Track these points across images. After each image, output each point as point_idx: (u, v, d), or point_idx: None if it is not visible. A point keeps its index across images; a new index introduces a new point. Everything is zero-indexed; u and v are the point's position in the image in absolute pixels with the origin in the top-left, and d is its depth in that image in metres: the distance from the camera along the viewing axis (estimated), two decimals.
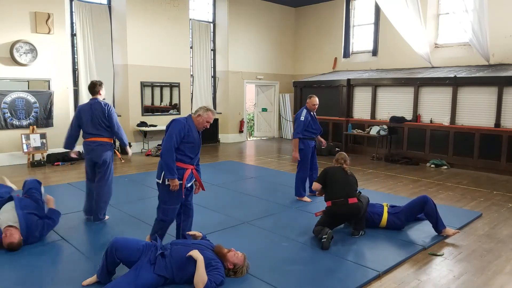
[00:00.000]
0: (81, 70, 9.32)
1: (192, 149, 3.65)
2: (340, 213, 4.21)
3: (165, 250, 3.12)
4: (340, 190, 4.23)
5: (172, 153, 3.52)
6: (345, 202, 4.16)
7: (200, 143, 3.75)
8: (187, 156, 3.63)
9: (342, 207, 4.17)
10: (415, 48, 9.49)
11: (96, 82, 4.65)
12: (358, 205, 4.19)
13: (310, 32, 13.16)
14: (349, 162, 4.54)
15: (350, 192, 4.23)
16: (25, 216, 3.86)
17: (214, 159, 9.42)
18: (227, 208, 5.24)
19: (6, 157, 8.10)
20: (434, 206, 4.38)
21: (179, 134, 3.53)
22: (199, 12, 11.73)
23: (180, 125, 3.57)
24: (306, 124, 5.64)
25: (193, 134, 3.62)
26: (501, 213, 5.28)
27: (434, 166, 8.59)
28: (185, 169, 3.63)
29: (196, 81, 11.60)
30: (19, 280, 3.23)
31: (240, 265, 3.25)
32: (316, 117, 5.87)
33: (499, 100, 7.94)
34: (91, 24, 9.35)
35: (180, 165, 3.60)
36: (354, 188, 4.32)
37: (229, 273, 3.22)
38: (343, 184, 4.28)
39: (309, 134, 5.72)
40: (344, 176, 4.36)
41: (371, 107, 10.14)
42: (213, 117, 3.70)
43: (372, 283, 3.31)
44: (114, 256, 3.01)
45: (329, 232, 3.95)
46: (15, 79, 8.13)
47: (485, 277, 3.43)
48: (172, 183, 3.55)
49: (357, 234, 4.30)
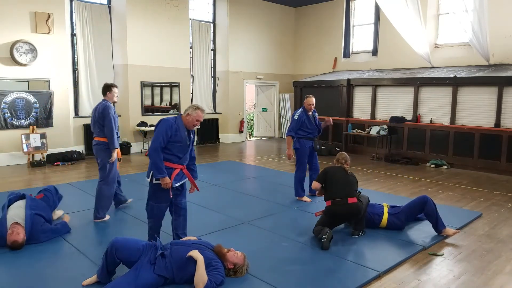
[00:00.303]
0: (81, 70, 9.32)
1: (180, 148, 3.65)
2: (340, 213, 4.21)
3: (165, 250, 3.12)
4: (339, 190, 4.23)
5: (158, 153, 3.56)
6: (344, 202, 4.15)
7: (189, 142, 3.72)
8: (175, 155, 3.65)
9: (342, 206, 4.17)
10: (415, 48, 9.49)
11: (106, 84, 4.77)
12: (358, 205, 4.19)
13: (310, 32, 13.17)
14: (349, 162, 4.54)
15: (350, 192, 4.23)
16: (32, 217, 3.90)
17: (214, 159, 9.42)
18: (227, 208, 5.24)
19: (6, 157, 8.10)
20: (434, 206, 4.38)
21: (166, 134, 3.56)
22: (199, 12, 11.73)
23: (167, 124, 3.59)
24: (300, 123, 5.68)
25: (181, 133, 3.62)
26: (501, 213, 5.28)
27: (434, 166, 8.59)
28: (173, 169, 3.65)
29: (196, 81, 11.61)
30: (19, 280, 3.23)
31: (240, 265, 3.25)
32: (316, 118, 5.87)
33: (499, 100, 7.94)
34: (91, 24, 9.35)
35: (167, 164, 3.62)
36: (354, 188, 4.31)
37: (229, 273, 3.22)
38: (343, 184, 4.27)
39: (304, 134, 5.74)
40: (344, 176, 4.36)
41: (371, 107, 10.14)
42: (203, 115, 3.67)
43: (372, 283, 3.31)
44: (114, 256, 3.01)
45: (328, 232, 3.95)
46: (15, 79, 8.13)
47: (485, 277, 3.43)
48: (163, 181, 3.58)
49: (357, 234, 4.29)
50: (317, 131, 5.85)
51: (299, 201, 5.65)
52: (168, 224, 3.97)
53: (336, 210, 4.20)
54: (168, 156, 3.63)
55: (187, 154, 3.77)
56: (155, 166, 3.56)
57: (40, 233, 3.90)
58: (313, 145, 5.84)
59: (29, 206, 4.01)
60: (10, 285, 3.15)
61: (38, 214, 4.01)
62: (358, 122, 10.35)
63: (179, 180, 3.75)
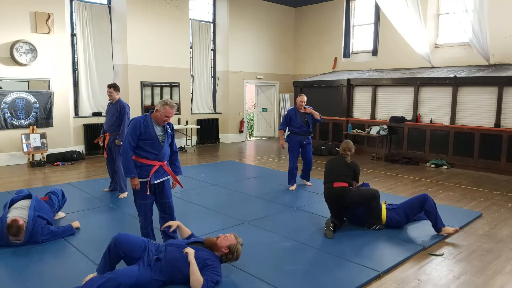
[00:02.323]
0: (81, 70, 9.32)
1: (153, 145, 3.65)
2: (328, 196, 4.49)
3: (160, 253, 3.12)
4: (329, 176, 4.52)
5: (127, 152, 3.59)
6: (330, 186, 4.42)
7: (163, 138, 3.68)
8: (150, 152, 3.65)
9: (328, 190, 4.45)
10: (415, 48, 9.49)
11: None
12: (344, 189, 4.35)
13: (310, 32, 13.16)
14: (352, 150, 4.67)
15: (337, 177, 4.44)
16: (34, 219, 3.92)
17: (214, 159, 9.42)
18: (227, 208, 5.24)
19: (6, 157, 8.10)
20: (434, 204, 4.39)
21: (134, 133, 3.60)
22: (199, 12, 11.73)
23: (135, 124, 3.63)
24: (287, 119, 6.33)
25: (151, 131, 3.62)
26: (501, 213, 5.28)
27: (434, 166, 8.58)
28: (151, 166, 3.65)
29: (196, 81, 11.60)
30: (19, 280, 3.23)
31: (234, 244, 3.24)
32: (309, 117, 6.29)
33: (499, 100, 7.94)
34: (91, 24, 9.35)
35: (145, 161, 3.65)
36: (344, 173, 4.46)
37: (227, 257, 3.22)
38: (334, 170, 4.52)
39: (293, 129, 6.32)
40: (339, 163, 4.55)
41: (371, 107, 10.14)
42: (172, 110, 3.62)
43: (372, 283, 3.31)
44: (118, 250, 3.02)
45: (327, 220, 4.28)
46: (15, 79, 8.13)
47: (485, 277, 3.43)
48: (131, 182, 3.63)
49: (369, 227, 4.37)
50: (305, 128, 6.30)
51: (299, 201, 5.66)
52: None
53: (325, 194, 4.53)
54: (143, 154, 3.65)
55: (164, 150, 3.72)
56: (124, 166, 3.64)
57: (40, 235, 3.91)
58: (301, 140, 6.30)
59: (34, 207, 4.02)
60: (11, 285, 3.15)
61: (41, 216, 4.01)
62: (358, 122, 10.35)
63: (159, 177, 3.73)
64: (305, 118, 6.30)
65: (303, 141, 6.31)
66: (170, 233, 3.77)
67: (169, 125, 3.80)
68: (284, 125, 6.40)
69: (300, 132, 6.29)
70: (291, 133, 6.36)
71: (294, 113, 6.29)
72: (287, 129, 6.44)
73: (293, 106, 6.40)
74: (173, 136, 3.87)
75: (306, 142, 6.35)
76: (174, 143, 3.90)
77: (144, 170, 3.64)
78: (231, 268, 3.44)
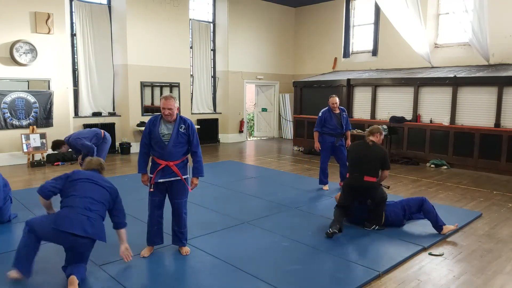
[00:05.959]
0: (81, 70, 9.33)
1: (157, 144, 3.66)
2: (353, 186, 4.38)
3: None
4: (356, 165, 4.42)
5: (140, 149, 3.75)
6: (360, 179, 4.33)
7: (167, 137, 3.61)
8: (156, 151, 3.69)
9: (357, 181, 4.35)
10: (415, 48, 9.49)
11: None
12: (374, 184, 4.31)
13: (310, 32, 13.16)
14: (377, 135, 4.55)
15: (368, 170, 4.34)
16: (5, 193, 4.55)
17: (214, 159, 9.42)
18: (227, 208, 5.24)
19: (6, 157, 8.10)
20: (431, 205, 4.44)
21: (146, 131, 3.71)
22: (199, 12, 11.73)
23: (149, 121, 3.72)
24: (322, 120, 6.31)
25: (155, 129, 3.63)
26: (501, 213, 5.28)
27: (434, 166, 8.58)
28: (158, 164, 3.67)
29: (196, 81, 11.61)
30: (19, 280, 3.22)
31: None
32: (343, 117, 6.35)
33: (499, 100, 7.94)
34: (91, 24, 9.35)
35: (155, 159, 3.72)
36: (373, 166, 4.37)
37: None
38: (360, 159, 4.42)
39: (327, 130, 6.31)
40: (363, 150, 4.47)
41: (371, 107, 10.13)
42: (167, 101, 3.55)
43: (372, 283, 3.31)
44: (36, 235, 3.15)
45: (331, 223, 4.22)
46: (15, 79, 8.13)
47: (485, 277, 3.43)
48: (141, 178, 3.78)
49: (369, 227, 4.37)
50: (339, 130, 6.30)
51: (299, 201, 5.65)
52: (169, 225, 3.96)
53: (349, 184, 4.40)
54: (153, 152, 3.72)
55: (170, 150, 3.62)
56: (138, 163, 3.78)
57: (7, 210, 4.54)
58: (334, 141, 6.29)
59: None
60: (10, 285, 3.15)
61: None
62: (358, 122, 10.35)
63: (166, 177, 3.66)
64: (340, 119, 6.31)
65: (335, 142, 6.28)
66: (178, 234, 3.80)
67: (185, 124, 3.68)
68: (319, 127, 6.36)
69: (333, 133, 6.28)
70: (324, 134, 6.33)
71: (329, 114, 6.30)
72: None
73: (326, 107, 6.36)
74: (191, 135, 3.69)
75: (339, 144, 6.31)
76: (194, 142, 3.72)
77: (154, 168, 3.70)
78: (231, 268, 3.45)
